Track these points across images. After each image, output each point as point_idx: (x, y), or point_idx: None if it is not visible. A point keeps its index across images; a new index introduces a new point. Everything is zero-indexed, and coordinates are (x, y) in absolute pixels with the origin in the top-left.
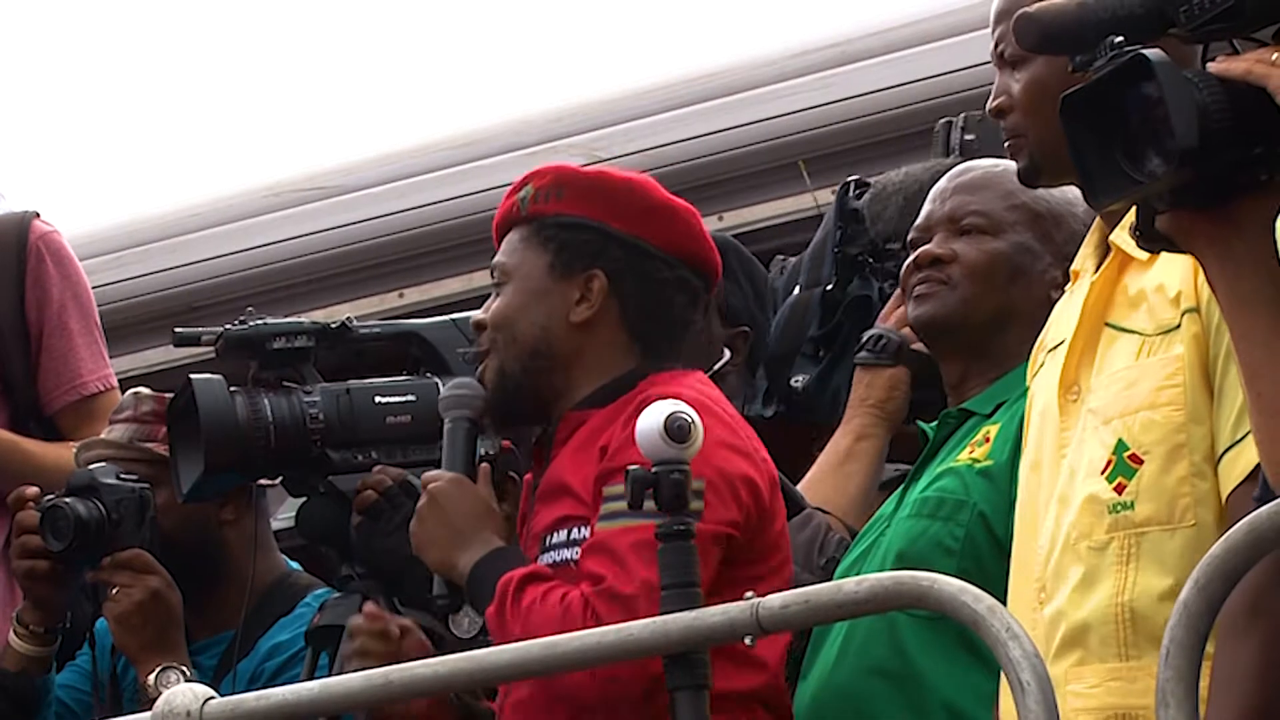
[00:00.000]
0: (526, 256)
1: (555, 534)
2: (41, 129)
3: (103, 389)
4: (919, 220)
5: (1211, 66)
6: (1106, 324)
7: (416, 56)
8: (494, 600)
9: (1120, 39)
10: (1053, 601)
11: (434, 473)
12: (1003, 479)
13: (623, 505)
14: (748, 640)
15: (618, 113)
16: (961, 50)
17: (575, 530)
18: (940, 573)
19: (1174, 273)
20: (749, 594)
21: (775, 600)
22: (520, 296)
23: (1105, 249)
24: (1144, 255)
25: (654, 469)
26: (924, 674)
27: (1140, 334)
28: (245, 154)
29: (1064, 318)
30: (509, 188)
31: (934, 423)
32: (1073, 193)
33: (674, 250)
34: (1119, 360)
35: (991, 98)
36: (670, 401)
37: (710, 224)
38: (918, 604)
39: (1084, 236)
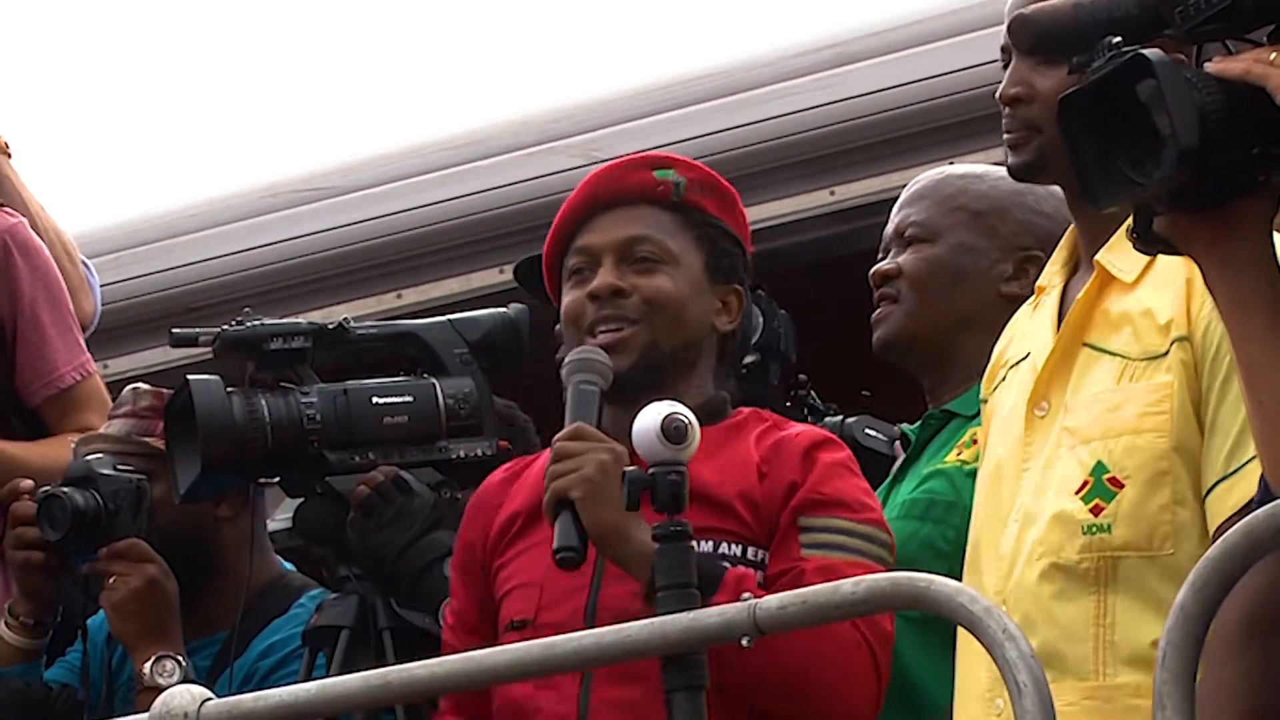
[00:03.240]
0: (685, 247)
1: (700, 543)
2: (39, 129)
3: (80, 378)
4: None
5: (1209, 67)
6: (1085, 344)
7: (415, 57)
8: (723, 591)
9: (1118, 39)
10: (1015, 613)
11: (596, 430)
12: None
13: (842, 539)
14: (745, 641)
15: (617, 113)
16: (961, 50)
17: (726, 545)
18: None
19: (1164, 299)
20: (746, 594)
21: (773, 601)
22: (685, 285)
23: (1075, 264)
24: (1129, 277)
25: (651, 470)
26: (916, 677)
27: (1123, 357)
28: (243, 154)
29: (1030, 332)
30: (627, 159)
31: (916, 425)
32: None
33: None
34: (1099, 382)
35: (1007, 84)
36: (667, 403)
37: None
38: (914, 604)
39: (1035, 222)
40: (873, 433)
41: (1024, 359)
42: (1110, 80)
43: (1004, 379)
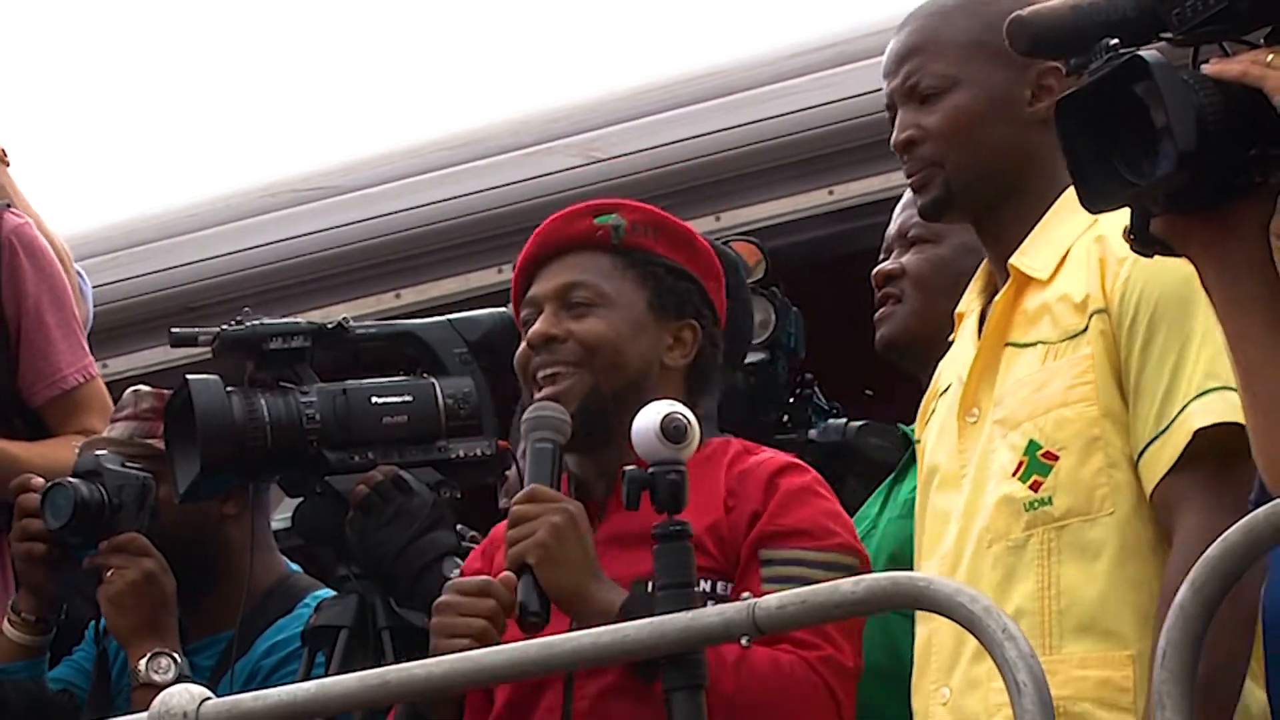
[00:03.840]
0: (625, 287)
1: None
2: (38, 129)
3: (83, 380)
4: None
5: (1206, 68)
6: (1007, 344)
7: (414, 56)
8: None
9: (1116, 41)
10: None
11: (551, 490)
12: None
13: (800, 571)
14: (744, 641)
15: (616, 112)
16: None
17: (697, 583)
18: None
19: (1079, 280)
20: (745, 594)
21: (772, 601)
22: (624, 325)
23: (993, 290)
24: (1044, 274)
25: (650, 469)
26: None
27: (1044, 343)
28: (242, 154)
29: (954, 359)
30: (570, 210)
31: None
32: None
33: (720, 324)
34: (1022, 371)
35: (897, 132)
36: (666, 403)
37: (708, 224)
38: (914, 604)
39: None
40: (875, 440)
41: (949, 387)
42: (1108, 82)
43: (934, 411)
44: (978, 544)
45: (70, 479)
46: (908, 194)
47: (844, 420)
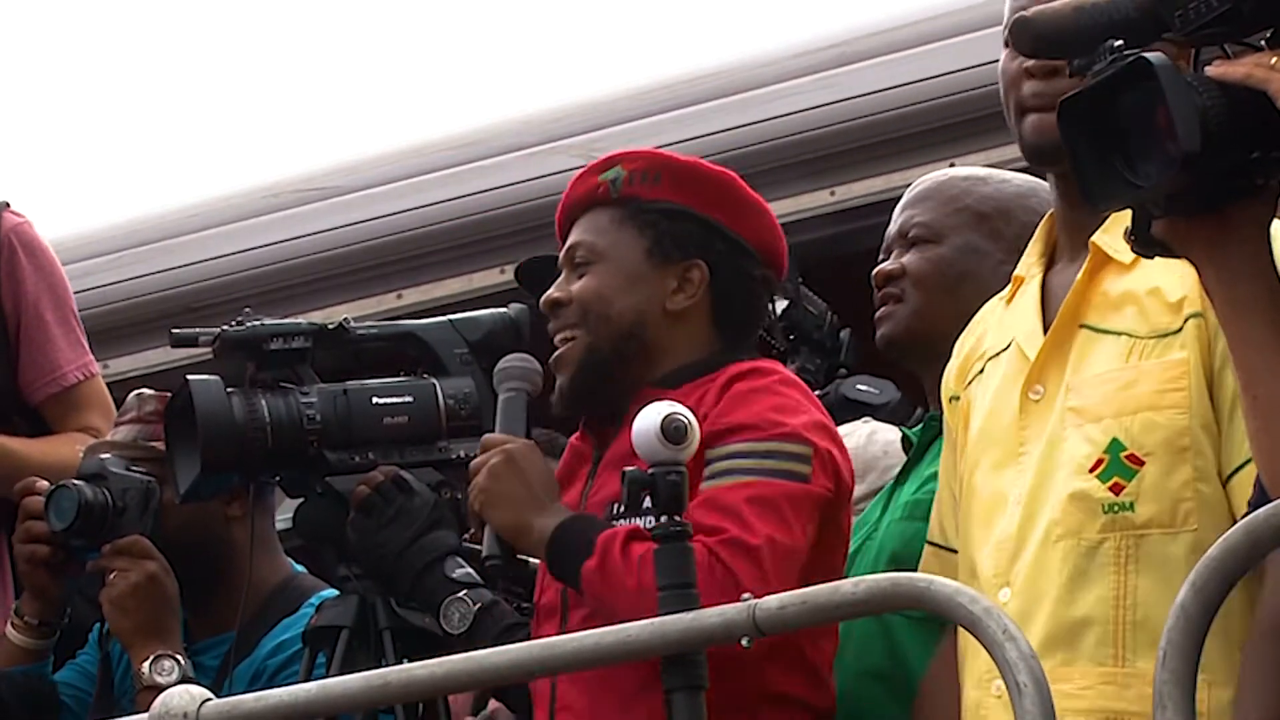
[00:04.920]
0: (621, 238)
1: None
2: (40, 129)
3: (83, 378)
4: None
5: (1210, 70)
6: (1082, 325)
7: (416, 57)
8: (594, 555)
9: (1120, 43)
10: (1020, 597)
11: (501, 435)
12: None
13: (733, 463)
14: (745, 642)
15: (617, 113)
16: (961, 50)
17: (648, 499)
18: None
19: (1173, 277)
20: (746, 595)
21: (773, 601)
22: (615, 278)
23: (1052, 255)
24: (1127, 258)
25: (650, 470)
26: (916, 670)
27: (1129, 335)
28: (244, 154)
29: (1009, 322)
30: (583, 168)
31: (917, 427)
32: (1026, 184)
33: (761, 247)
34: (1103, 362)
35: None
36: (666, 403)
37: None
38: (915, 605)
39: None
40: (864, 387)
41: (1005, 349)
42: (1112, 83)
43: (981, 371)
44: (1045, 536)
45: (74, 481)
46: (908, 193)
47: (835, 383)
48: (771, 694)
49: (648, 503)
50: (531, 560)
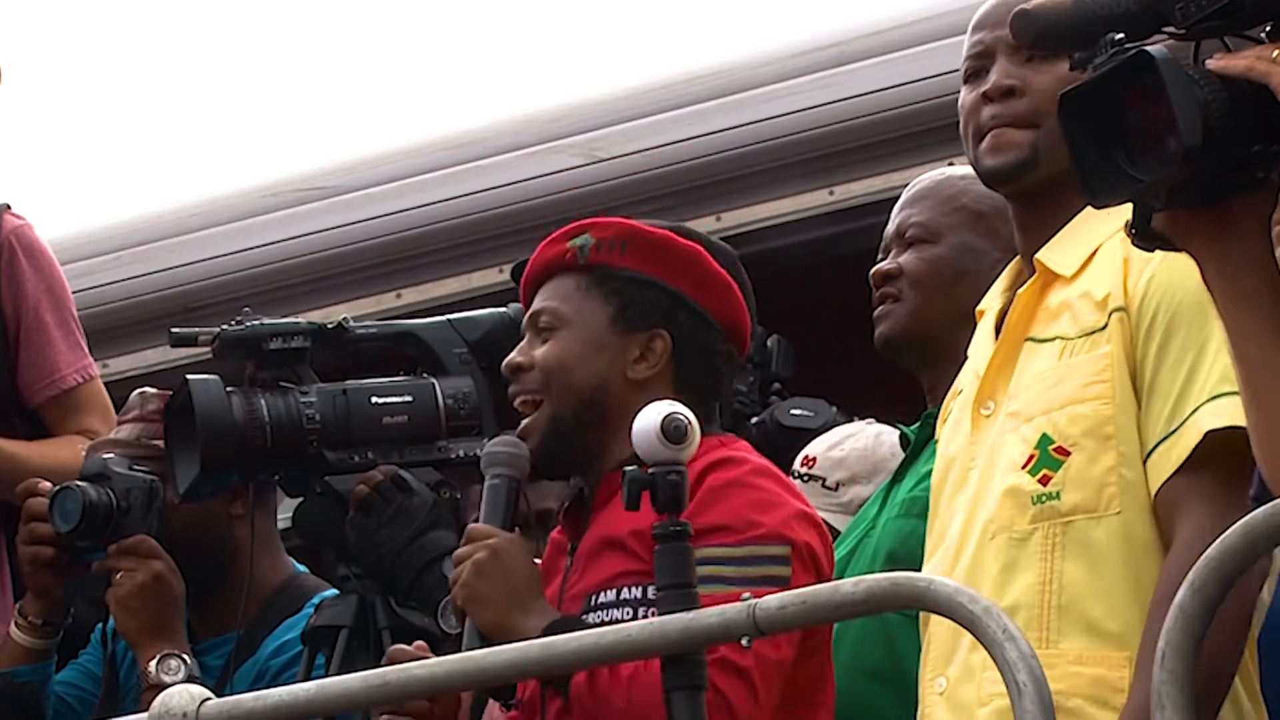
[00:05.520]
0: (586, 306)
1: (604, 593)
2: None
3: (82, 381)
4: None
5: (1210, 63)
6: (1027, 339)
7: (415, 56)
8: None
9: (1120, 36)
10: None
11: (486, 527)
12: None
13: (714, 570)
14: (744, 642)
15: (617, 112)
16: (960, 50)
17: (626, 590)
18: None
19: (1102, 278)
20: (746, 595)
21: (772, 601)
22: (578, 345)
23: (1018, 288)
24: (1069, 271)
25: (650, 470)
26: (913, 668)
27: (1062, 338)
28: (243, 154)
29: (972, 357)
30: (552, 236)
31: (915, 425)
32: None
33: (725, 323)
34: (1040, 366)
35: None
36: (666, 403)
37: (709, 224)
38: (915, 604)
39: None
40: (798, 412)
41: (967, 383)
42: (1113, 76)
43: (953, 412)
44: (982, 534)
45: (78, 482)
46: (905, 192)
47: (769, 409)
48: None
49: (625, 594)
50: None
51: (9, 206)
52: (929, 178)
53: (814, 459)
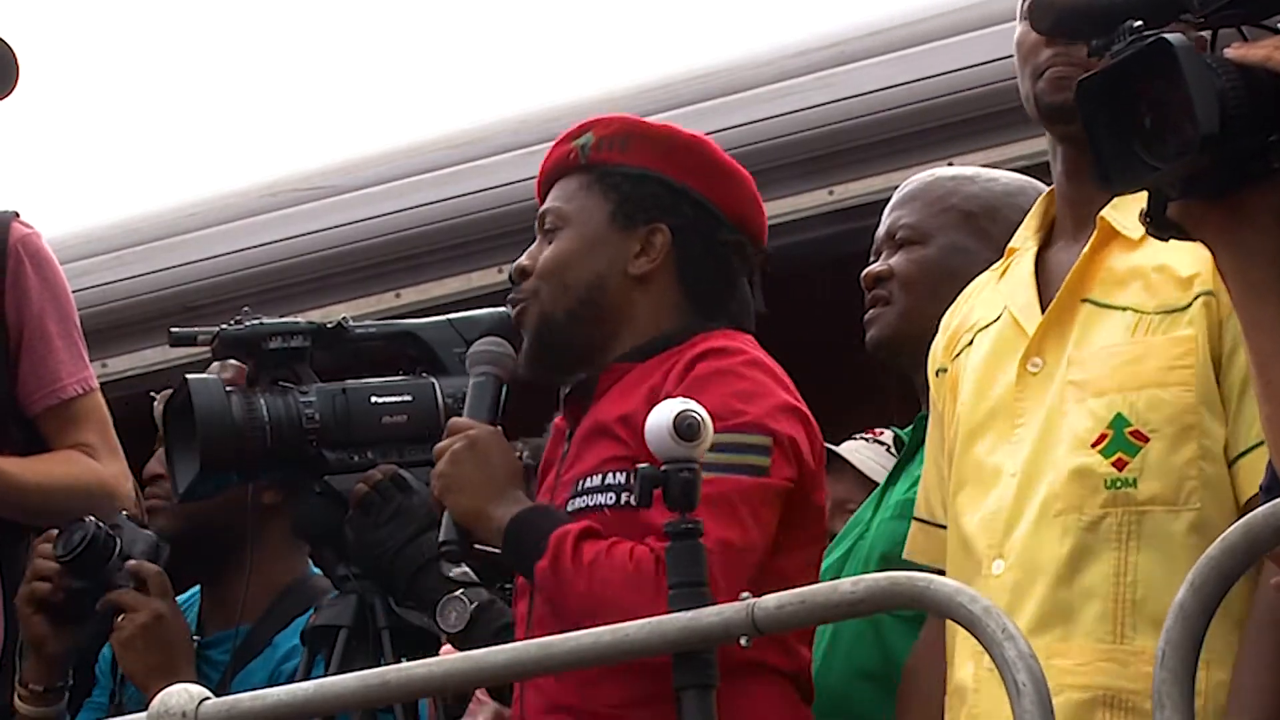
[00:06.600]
0: (586, 204)
1: (591, 478)
2: (39, 129)
3: (82, 392)
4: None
5: (1229, 52)
6: (1085, 299)
7: (415, 56)
8: (546, 554)
9: (1139, 23)
10: (1015, 569)
11: (467, 420)
12: None
13: None
14: (743, 641)
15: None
16: (961, 50)
17: (611, 475)
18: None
19: (1184, 253)
20: (745, 594)
21: (771, 601)
22: (576, 243)
23: (1051, 228)
24: (1135, 234)
25: (664, 467)
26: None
27: (1135, 310)
28: (243, 153)
29: (1004, 293)
30: (562, 134)
31: (909, 427)
32: (1014, 183)
33: (734, 213)
34: (1107, 335)
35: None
36: (679, 400)
37: None
38: (914, 604)
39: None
40: None
41: (995, 320)
42: (1131, 64)
43: (970, 343)
44: (1043, 509)
45: (89, 518)
46: (895, 194)
47: None
48: (744, 662)
49: (610, 479)
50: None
51: (18, 214)
52: (918, 179)
53: (883, 431)
